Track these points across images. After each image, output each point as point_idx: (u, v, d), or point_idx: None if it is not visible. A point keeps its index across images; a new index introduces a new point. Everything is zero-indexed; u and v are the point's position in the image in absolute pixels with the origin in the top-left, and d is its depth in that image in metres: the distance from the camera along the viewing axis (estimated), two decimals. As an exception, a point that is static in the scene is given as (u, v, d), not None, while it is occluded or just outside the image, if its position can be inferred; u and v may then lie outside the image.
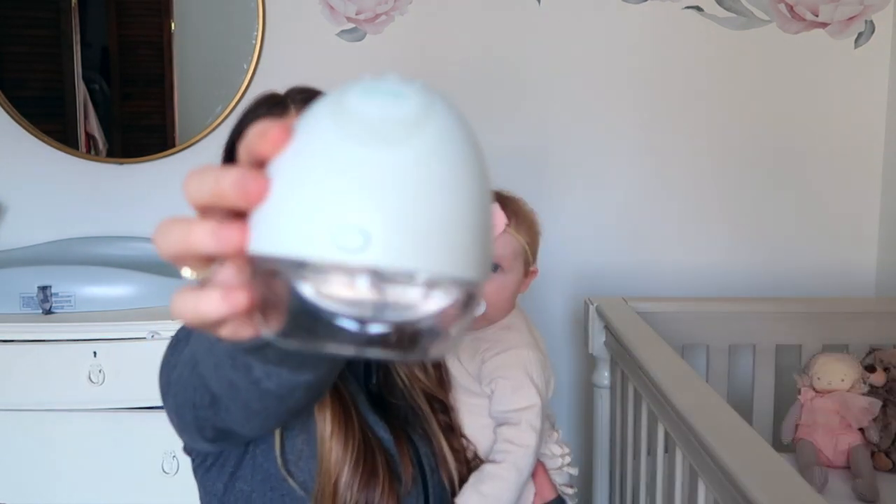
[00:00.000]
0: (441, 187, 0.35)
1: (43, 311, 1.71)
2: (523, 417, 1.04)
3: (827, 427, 1.65)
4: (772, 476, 0.95)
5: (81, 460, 1.69)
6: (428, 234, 0.34)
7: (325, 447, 0.89)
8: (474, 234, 0.36)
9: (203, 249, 0.37)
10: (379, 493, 0.89)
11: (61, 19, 1.96)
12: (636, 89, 2.04)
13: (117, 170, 2.01)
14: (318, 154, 0.35)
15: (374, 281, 0.34)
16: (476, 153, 0.37)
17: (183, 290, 0.38)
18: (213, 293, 0.37)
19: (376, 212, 0.34)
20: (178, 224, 0.38)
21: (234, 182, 0.35)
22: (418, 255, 0.34)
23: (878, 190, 2.07)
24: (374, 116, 0.35)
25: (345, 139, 0.34)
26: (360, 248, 0.33)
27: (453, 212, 0.35)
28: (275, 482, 0.89)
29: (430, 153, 0.35)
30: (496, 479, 1.00)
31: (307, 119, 0.37)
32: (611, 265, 2.08)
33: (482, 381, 1.06)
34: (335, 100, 0.36)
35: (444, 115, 0.36)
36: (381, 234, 0.33)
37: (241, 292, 0.37)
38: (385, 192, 0.34)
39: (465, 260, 0.35)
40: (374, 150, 0.34)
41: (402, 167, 0.34)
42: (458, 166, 0.36)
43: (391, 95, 0.36)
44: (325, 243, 0.33)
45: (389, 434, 0.95)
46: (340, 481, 0.88)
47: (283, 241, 0.34)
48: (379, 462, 0.91)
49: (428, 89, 0.37)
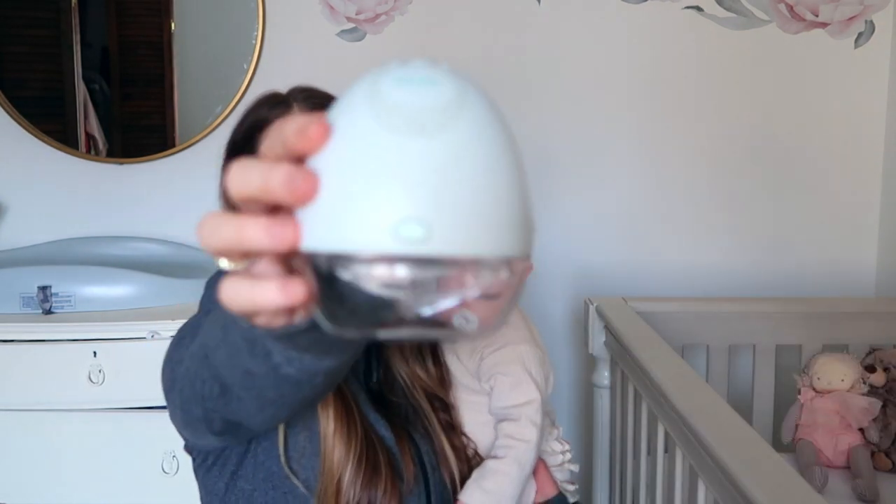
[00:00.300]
0: (488, 168, 0.36)
1: (43, 311, 1.71)
2: (523, 413, 1.04)
3: (827, 427, 1.65)
4: (772, 476, 0.95)
5: (81, 460, 1.69)
6: (482, 216, 0.35)
7: (328, 445, 0.89)
8: (521, 208, 0.37)
9: (256, 246, 0.37)
10: (381, 491, 0.89)
11: (61, 19, 1.96)
12: (636, 89, 2.04)
13: (117, 170, 2.01)
14: (365, 149, 0.35)
15: (433, 266, 0.35)
16: (508, 130, 0.38)
17: (234, 278, 0.39)
18: (270, 284, 0.38)
19: (434, 201, 0.34)
20: (229, 219, 0.38)
21: (284, 180, 0.36)
22: (477, 238, 0.35)
23: (878, 190, 2.07)
24: (414, 106, 0.35)
25: (390, 131, 0.35)
26: (423, 238, 0.34)
27: (501, 191, 0.36)
28: (277, 480, 0.90)
29: (474, 137, 0.36)
30: (498, 474, 1.00)
31: (345, 113, 0.37)
32: (611, 265, 2.08)
33: (481, 378, 1.07)
34: (370, 91, 0.36)
35: (478, 98, 0.37)
36: (442, 223, 0.34)
37: (298, 284, 0.37)
38: (438, 180, 0.35)
39: (517, 236, 0.37)
40: (421, 141, 0.35)
41: (450, 154, 0.35)
42: (499, 146, 0.37)
43: (426, 83, 0.36)
44: (389, 237, 0.34)
45: (390, 432, 0.95)
46: (344, 479, 0.88)
47: (339, 238, 0.35)
48: (381, 460, 0.91)
49: (456, 72, 0.38)
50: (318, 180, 0.36)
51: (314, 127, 0.36)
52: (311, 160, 0.37)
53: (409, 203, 0.34)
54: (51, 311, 1.71)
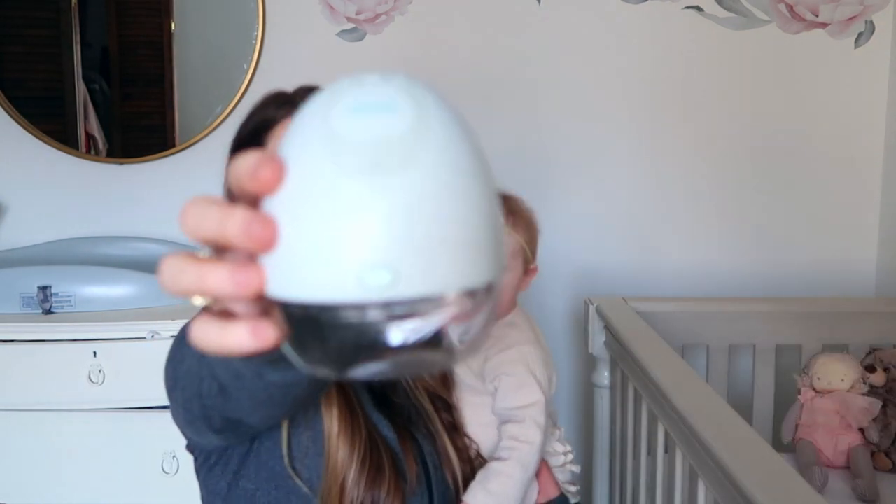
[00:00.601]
0: (453, 198, 0.35)
1: (43, 311, 1.71)
2: (527, 414, 1.04)
3: (827, 427, 1.65)
4: (772, 476, 0.95)
5: (81, 460, 1.69)
6: (451, 251, 0.34)
7: (332, 445, 0.89)
8: (491, 233, 0.36)
9: (219, 293, 0.36)
10: (385, 491, 0.89)
11: (61, 19, 1.96)
12: (636, 89, 2.04)
13: (117, 170, 2.01)
14: (323, 194, 0.34)
15: (403, 307, 0.34)
16: (475, 144, 0.37)
17: (204, 319, 0.38)
18: (240, 328, 0.37)
19: (398, 244, 0.33)
20: (190, 265, 0.37)
21: (241, 229, 0.34)
22: (446, 275, 0.34)
23: (878, 190, 2.07)
24: (370, 142, 0.34)
25: (347, 174, 0.33)
26: (389, 284, 0.33)
27: (469, 218, 0.35)
28: (280, 480, 0.90)
29: (436, 165, 0.34)
30: (502, 475, 1.00)
31: (299, 150, 0.35)
32: (611, 265, 2.08)
33: (485, 379, 1.07)
34: (323, 124, 0.35)
35: (439, 116, 0.36)
36: (408, 265, 0.33)
37: (269, 328, 0.36)
38: (402, 221, 0.33)
39: (487, 264, 0.36)
40: (381, 180, 0.33)
41: (412, 191, 0.34)
42: (466, 170, 0.35)
43: (381, 109, 0.35)
44: (353, 286, 0.33)
45: (393, 433, 0.95)
46: (347, 479, 0.88)
47: (306, 287, 0.34)
48: (384, 461, 0.91)
49: (413, 87, 0.36)
50: (276, 227, 0.35)
51: (265, 170, 0.34)
52: (270, 202, 0.35)
53: (372, 250, 0.33)
54: (51, 311, 1.71)
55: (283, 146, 0.36)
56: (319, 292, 0.34)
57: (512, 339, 1.08)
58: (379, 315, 0.34)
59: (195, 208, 0.37)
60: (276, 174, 0.35)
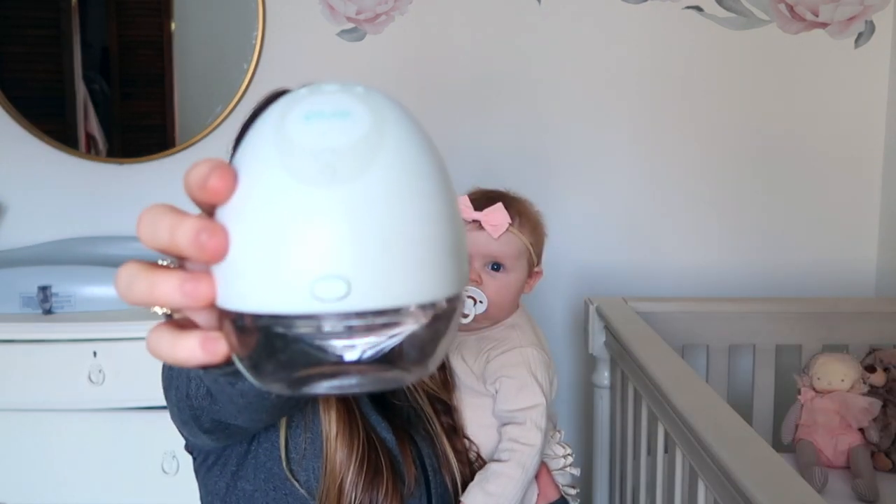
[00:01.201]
0: (410, 208, 0.33)
1: (43, 311, 1.71)
2: (528, 417, 1.04)
3: (827, 427, 1.65)
4: (772, 476, 0.95)
5: (81, 460, 1.69)
6: (406, 262, 0.33)
7: (331, 447, 0.89)
8: (452, 245, 0.35)
9: (170, 304, 0.36)
10: (383, 493, 0.89)
11: (61, 19, 1.96)
12: (636, 89, 2.04)
13: (117, 170, 2.01)
14: (275, 202, 0.33)
15: (358, 320, 0.33)
16: (434, 154, 0.36)
17: (159, 329, 0.37)
18: (190, 340, 0.36)
19: (351, 255, 0.32)
20: (142, 273, 0.36)
21: (191, 239, 0.34)
22: (402, 287, 0.33)
23: (878, 190, 2.07)
24: (324, 149, 0.33)
25: (300, 181, 0.32)
26: (342, 296, 0.32)
27: (427, 231, 0.34)
28: (278, 482, 0.90)
29: (392, 175, 0.33)
30: (502, 477, 1.00)
31: (252, 157, 0.34)
32: (611, 265, 2.08)
33: (487, 381, 1.06)
34: (277, 131, 0.34)
35: (397, 124, 0.34)
36: (362, 277, 0.32)
37: (219, 341, 0.36)
38: (356, 231, 0.32)
39: (447, 277, 0.35)
40: (334, 190, 0.32)
41: (367, 200, 0.32)
42: (423, 179, 0.34)
43: (336, 116, 0.33)
44: (306, 298, 0.32)
45: (392, 434, 0.95)
46: (346, 482, 0.88)
47: (257, 298, 0.33)
48: (382, 462, 0.91)
49: (372, 95, 0.35)
50: (227, 237, 0.34)
51: (214, 180, 0.34)
52: (222, 210, 0.34)
53: (325, 260, 0.32)
54: (51, 311, 1.71)
55: (238, 154, 0.35)
56: (270, 303, 0.33)
57: (514, 341, 1.08)
58: (332, 328, 0.33)
59: (149, 216, 0.36)
60: (225, 183, 0.34)
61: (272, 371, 0.35)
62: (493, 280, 1.06)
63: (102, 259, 1.90)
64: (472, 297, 1.03)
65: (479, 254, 1.06)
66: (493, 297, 1.05)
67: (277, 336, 0.34)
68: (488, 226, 1.04)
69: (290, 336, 0.33)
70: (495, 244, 1.05)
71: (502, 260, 1.06)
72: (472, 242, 1.05)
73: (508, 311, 1.10)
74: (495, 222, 1.04)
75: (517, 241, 1.07)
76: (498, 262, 1.06)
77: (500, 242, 1.05)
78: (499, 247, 1.06)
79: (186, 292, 0.35)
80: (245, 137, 0.36)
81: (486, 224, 1.04)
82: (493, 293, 1.06)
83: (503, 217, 1.04)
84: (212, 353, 0.36)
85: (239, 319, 0.34)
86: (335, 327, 0.33)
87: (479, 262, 1.06)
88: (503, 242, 1.06)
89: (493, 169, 1.98)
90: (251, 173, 0.34)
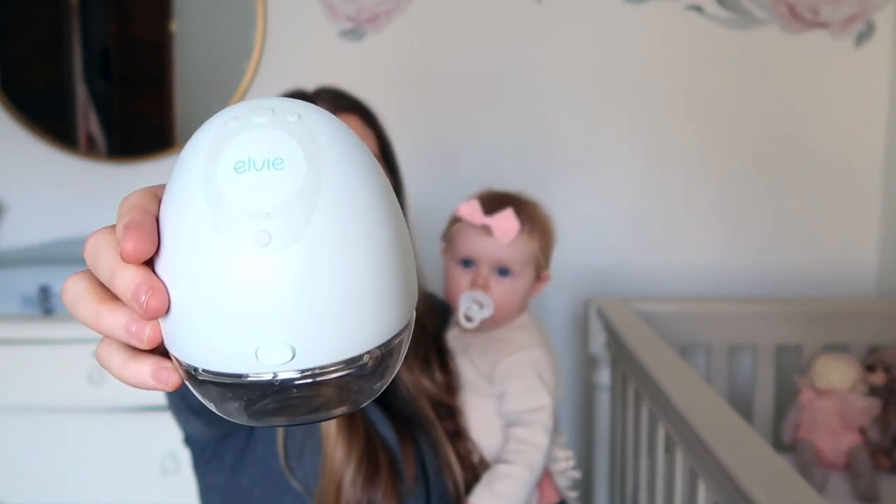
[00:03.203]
0: (352, 260, 0.32)
1: (43, 311, 1.71)
2: (535, 418, 1.04)
3: (827, 427, 1.65)
4: (772, 476, 0.95)
5: (81, 460, 1.69)
6: (354, 316, 0.33)
7: (330, 446, 0.89)
8: (396, 282, 0.34)
9: (114, 337, 0.35)
10: (381, 491, 0.89)
11: (61, 19, 1.96)
12: (636, 89, 2.04)
13: (117, 170, 2.01)
14: (214, 268, 0.32)
15: (301, 376, 0.33)
16: (374, 177, 0.34)
17: (108, 344, 0.36)
18: (142, 366, 0.36)
19: (297, 321, 0.32)
20: (89, 298, 0.35)
21: (130, 295, 0.33)
22: (347, 341, 0.33)
23: (879, 189, 2.07)
24: (259, 212, 0.31)
25: (236, 248, 0.31)
26: (287, 360, 0.32)
27: (370, 280, 0.33)
28: (276, 477, 0.90)
29: (332, 228, 0.32)
30: (509, 478, 1.00)
31: (183, 213, 0.33)
32: (611, 265, 2.08)
33: (493, 382, 1.06)
34: (208, 184, 0.32)
35: (334, 159, 0.33)
36: (306, 341, 0.32)
37: (172, 373, 0.35)
38: (299, 296, 0.32)
39: (393, 316, 0.34)
40: (274, 256, 0.31)
41: (308, 262, 0.32)
42: (364, 219, 0.33)
43: (269, 167, 0.32)
44: (250, 361, 0.32)
45: (393, 432, 0.95)
46: (345, 480, 0.88)
47: (202, 355, 0.33)
48: (381, 461, 0.91)
49: (304, 123, 0.33)
50: (167, 297, 0.33)
51: (129, 244, 0.33)
52: (159, 263, 0.34)
53: (268, 327, 0.32)
54: (51, 311, 1.71)
55: (168, 196, 0.34)
56: (216, 363, 0.33)
57: (521, 343, 1.08)
58: (277, 382, 0.33)
59: (91, 248, 0.36)
60: (141, 247, 0.33)
61: (224, 407, 0.35)
62: (500, 285, 1.05)
63: (102, 259, 1.90)
64: (479, 302, 1.03)
65: (487, 259, 1.05)
66: (499, 302, 1.05)
67: (225, 385, 0.34)
68: (497, 231, 1.03)
69: (238, 386, 0.33)
70: (504, 250, 1.05)
71: (510, 265, 1.05)
72: (480, 247, 1.05)
73: (513, 314, 1.10)
74: (505, 228, 1.03)
75: (526, 248, 1.06)
76: (505, 268, 1.06)
77: (509, 248, 1.04)
78: (507, 253, 1.05)
79: (132, 334, 0.34)
80: (175, 173, 0.34)
81: (496, 230, 1.03)
82: (500, 298, 1.05)
83: (513, 223, 1.03)
84: (163, 383, 0.36)
85: (188, 367, 0.34)
86: (279, 382, 0.33)
87: (486, 268, 1.05)
88: (512, 248, 1.05)
89: (494, 168, 1.98)
90: (185, 231, 0.33)
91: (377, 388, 0.36)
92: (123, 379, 0.36)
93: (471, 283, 1.05)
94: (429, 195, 1.40)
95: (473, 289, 1.04)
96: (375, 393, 0.36)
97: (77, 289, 0.36)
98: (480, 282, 1.05)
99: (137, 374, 0.36)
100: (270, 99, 0.35)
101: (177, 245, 0.33)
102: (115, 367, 0.36)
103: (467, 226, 1.06)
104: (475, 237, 1.05)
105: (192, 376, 0.35)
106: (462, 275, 1.06)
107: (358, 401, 0.36)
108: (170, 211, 0.34)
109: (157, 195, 0.36)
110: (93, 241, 0.36)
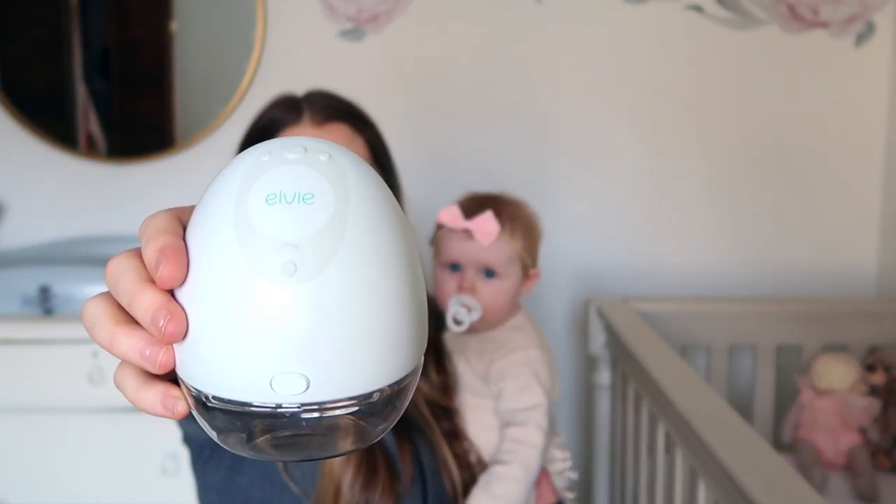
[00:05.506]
0: (372, 296, 0.33)
1: (43, 311, 1.71)
2: (530, 417, 1.04)
3: (827, 427, 1.65)
4: (772, 476, 0.95)
5: (81, 461, 1.69)
6: (368, 352, 0.33)
7: None
8: (411, 322, 0.35)
9: (129, 361, 0.36)
10: (379, 492, 0.89)
11: (61, 19, 1.96)
12: (636, 89, 2.04)
13: (117, 170, 2.01)
14: (237, 295, 0.32)
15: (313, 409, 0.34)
16: (396, 218, 0.35)
17: (125, 368, 0.37)
18: (151, 394, 0.36)
19: (314, 353, 0.32)
20: (106, 321, 0.36)
21: (149, 319, 0.34)
22: (361, 377, 0.33)
23: (879, 189, 2.07)
24: (286, 241, 0.32)
25: (260, 276, 0.32)
26: (301, 391, 0.33)
27: (388, 317, 0.34)
28: (274, 477, 0.90)
29: (356, 264, 0.33)
30: (505, 479, 1.00)
31: (212, 241, 0.34)
32: (611, 265, 2.08)
33: (490, 382, 1.07)
34: (238, 215, 0.33)
35: (360, 199, 0.34)
36: (322, 373, 0.33)
37: (179, 401, 0.36)
38: (318, 328, 0.32)
39: (406, 356, 0.35)
40: (298, 287, 0.32)
41: (331, 295, 0.32)
42: (386, 260, 0.34)
43: (299, 201, 0.33)
44: (265, 390, 0.33)
45: (390, 433, 0.95)
46: (343, 483, 0.88)
47: (216, 383, 0.33)
48: (379, 462, 0.91)
49: (335, 163, 0.34)
50: (186, 321, 0.34)
51: (165, 269, 0.33)
52: (182, 290, 0.34)
53: (285, 357, 0.32)
54: (51, 311, 1.71)
55: (196, 224, 0.35)
56: (230, 390, 0.33)
57: (517, 343, 1.08)
58: (289, 414, 0.33)
59: (113, 270, 0.36)
60: (176, 273, 0.33)
61: (229, 437, 0.36)
62: (486, 287, 1.07)
63: (102, 259, 1.90)
64: (466, 306, 1.04)
65: (472, 262, 1.06)
66: (487, 303, 1.06)
67: (235, 413, 0.34)
68: (478, 234, 1.04)
69: (246, 414, 0.34)
70: (486, 252, 1.06)
71: (494, 267, 1.07)
72: (463, 251, 1.06)
73: (505, 314, 1.10)
74: (485, 231, 1.04)
75: (509, 248, 1.07)
76: (491, 269, 1.07)
77: (491, 250, 1.06)
78: (490, 254, 1.06)
79: (146, 358, 0.35)
80: (204, 200, 0.35)
81: (476, 233, 1.04)
82: (488, 300, 1.06)
83: (492, 225, 1.04)
84: (170, 410, 0.36)
85: (198, 393, 0.35)
86: (292, 414, 0.33)
87: (471, 270, 1.07)
88: (494, 250, 1.06)
89: (493, 169, 1.98)
90: (211, 257, 0.33)
91: (380, 430, 0.36)
92: (135, 403, 0.37)
93: (458, 287, 1.06)
94: (428, 195, 1.40)
95: (460, 292, 1.05)
96: (377, 436, 0.37)
97: (96, 311, 0.37)
98: (467, 285, 1.06)
99: (147, 399, 0.36)
100: (302, 138, 0.36)
101: (202, 270, 0.34)
102: (128, 392, 0.37)
103: (450, 231, 1.07)
104: (458, 241, 1.06)
105: (201, 403, 0.35)
106: (449, 279, 1.08)
107: (358, 442, 0.36)
108: (196, 236, 0.34)
109: (179, 218, 0.37)
110: (115, 264, 0.36)
